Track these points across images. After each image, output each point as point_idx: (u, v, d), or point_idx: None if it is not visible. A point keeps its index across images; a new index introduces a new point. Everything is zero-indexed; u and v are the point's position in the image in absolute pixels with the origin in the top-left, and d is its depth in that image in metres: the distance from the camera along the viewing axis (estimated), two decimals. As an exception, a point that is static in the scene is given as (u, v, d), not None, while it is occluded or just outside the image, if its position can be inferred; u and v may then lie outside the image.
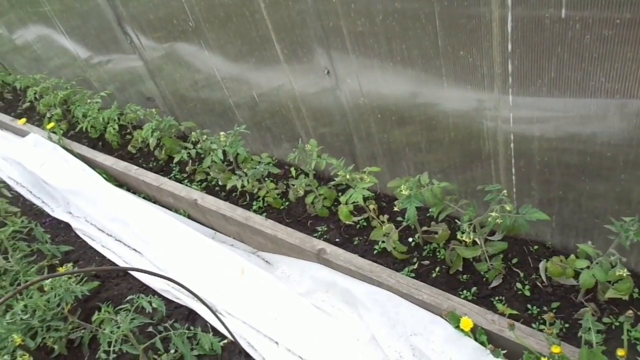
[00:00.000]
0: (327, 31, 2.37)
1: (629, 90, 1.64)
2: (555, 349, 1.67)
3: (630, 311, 1.64)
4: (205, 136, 3.38)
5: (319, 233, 2.92)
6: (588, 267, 1.93)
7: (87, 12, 3.84)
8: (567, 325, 2.11)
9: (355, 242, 2.81)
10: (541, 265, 2.23)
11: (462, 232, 2.17)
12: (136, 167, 3.79)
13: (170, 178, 3.69)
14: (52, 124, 4.37)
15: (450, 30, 1.94)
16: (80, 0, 3.78)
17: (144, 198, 3.72)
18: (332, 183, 2.75)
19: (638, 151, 1.78)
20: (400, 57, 2.19)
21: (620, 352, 1.57)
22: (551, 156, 2.06)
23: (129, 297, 2.49)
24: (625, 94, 1.66)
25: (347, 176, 2.52)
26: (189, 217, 3.46)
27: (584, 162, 1.97)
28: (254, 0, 2.54)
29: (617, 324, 2.04)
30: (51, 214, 3.93)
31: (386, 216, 2.77)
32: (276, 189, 3.24)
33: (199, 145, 3.43)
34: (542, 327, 2.08)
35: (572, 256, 2.07)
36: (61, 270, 2.97)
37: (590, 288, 2.06)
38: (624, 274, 1.82)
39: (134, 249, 3.34)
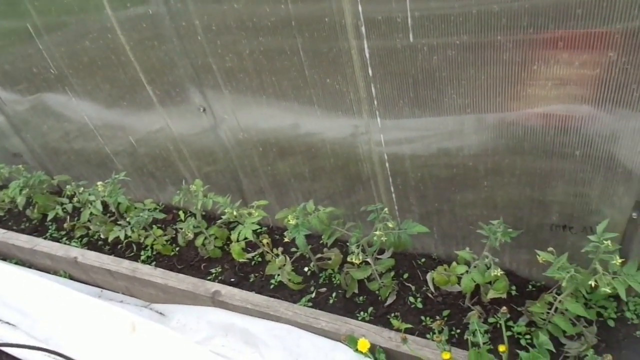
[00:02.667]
0: (197, 69, 2.35)
1: (477, 105, 1.80)
2: (445, 355, 1.73)
3: (505, 307, 1.75)
4: (81, 188, 3.16)
5: (214, 275, 2.82)
6: (467, 272, 2.05)
7: None
8: (458, 331, 2.20)
9: (252, 280, 2.74)
10: (428, 276, 2.32)
11: (352, 254, 2.20)
12: (4, 231, 3.43)
13: (45, 238, 3.39)
14: None
15: (315, 61, 2.01)
16: None
17: (15, 264, 3.36)
18: (220, 221, 2.69)
19: (494, 159, 1.94)
20: (272, 90, 2.22)
21: (501, 348, 1.66)
22: (423, 172, 2.18)
23: (-2, 378, 2.20)
24: (475, 109, 1.81)
25: (235, 213, 2.47)
26: (71, 277, 3.18)
27: (452, 174, 2.11)
28: (118, 43, 2.46)
29: (502, 322, 2.17)
30: None
31: (280, 249, 2.75)
32: (165, 234, 3.09)
33: (75, 199, 3.20)
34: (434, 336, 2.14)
35: (454, 263, 2.19)
36: None
37: (474, 291, 2.19)
38: (499, 274, 1.95)
39: (7, 322, 2.97)
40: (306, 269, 2.71)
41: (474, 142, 1.95)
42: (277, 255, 2.66)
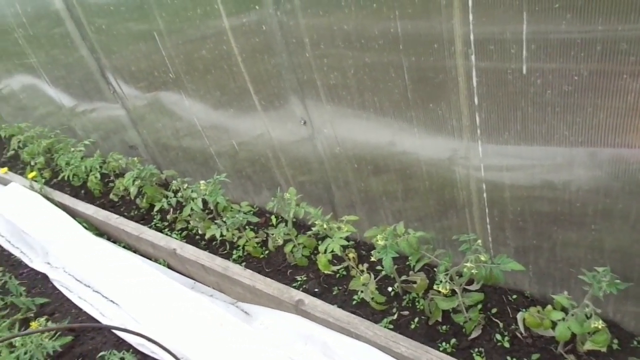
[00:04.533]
0: (301, 83, 2.42)
1: (591, 141, 1.67)
2: (532, 407, 1.62)
3: (605, 366, 1.61)
4: (186, 185, 3.38)
5: (299, 283, 2.88)
6: (563, 319, 1.91)
7: (72, 64, 3.90)
8: (547, 378, 2.07)
9: (335, 292, 2.76)
10: (519, 316, 2.19)
11: (439, 283, 2.14)
12: (117, 216, 3.76)
13: (150, 227, 3.66)
14: (33, 173, 4.35)
15: (419, 84, 1.98)
16: (65, 52, 3.84)
17: (124, 247, 3.67)
18: (310, 232, 2.74)
19: (606, 201, 1.79)
20: (373, 108, 2.23)
21: (597, 410, 1.53)
22: (523, 205, 2.06)
23: (100, 354, 2.42)
24: (589, 144, 1.69)
25: (325, 226, 2.51)
26: (169, 266, 3.41)
27: (555, 211, 1.98)
28: (232, 54, 2.60)
29: (598, 376, 2.00)
30: (29, 264, 3.85)
31: (366, 265, 2.74)
32: (256, 237, 3.21)
33: (179, 194, 3.42)
34: (521, 380, 2.03)
35: (549, 307, 2.05)
36: (34, 325, 2.89)
37: (570, 339, 2.03)
38: (600, 326, 1.80)
39: (112, 300, 3.26)
40: (390, 289, 2.68)
41: (584, 180, 1.81)
42: (362, 271, 2.66)
